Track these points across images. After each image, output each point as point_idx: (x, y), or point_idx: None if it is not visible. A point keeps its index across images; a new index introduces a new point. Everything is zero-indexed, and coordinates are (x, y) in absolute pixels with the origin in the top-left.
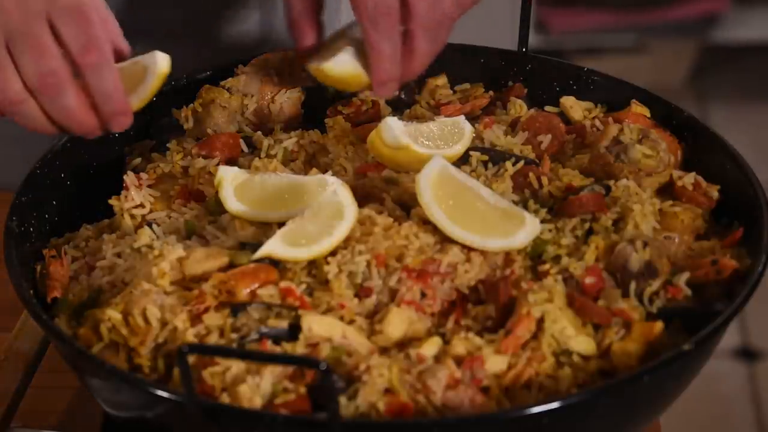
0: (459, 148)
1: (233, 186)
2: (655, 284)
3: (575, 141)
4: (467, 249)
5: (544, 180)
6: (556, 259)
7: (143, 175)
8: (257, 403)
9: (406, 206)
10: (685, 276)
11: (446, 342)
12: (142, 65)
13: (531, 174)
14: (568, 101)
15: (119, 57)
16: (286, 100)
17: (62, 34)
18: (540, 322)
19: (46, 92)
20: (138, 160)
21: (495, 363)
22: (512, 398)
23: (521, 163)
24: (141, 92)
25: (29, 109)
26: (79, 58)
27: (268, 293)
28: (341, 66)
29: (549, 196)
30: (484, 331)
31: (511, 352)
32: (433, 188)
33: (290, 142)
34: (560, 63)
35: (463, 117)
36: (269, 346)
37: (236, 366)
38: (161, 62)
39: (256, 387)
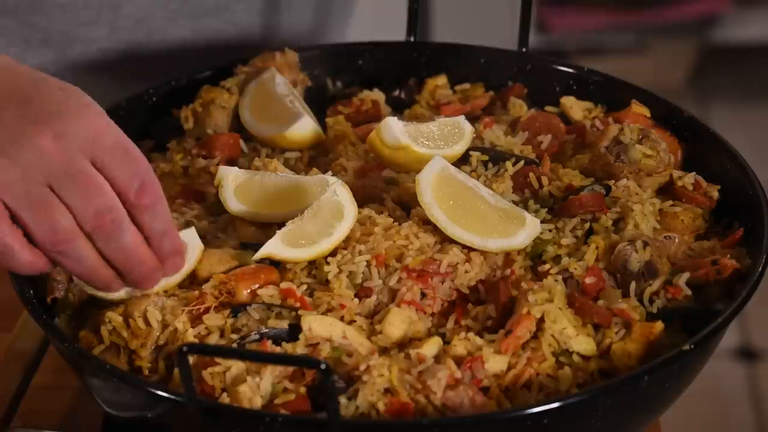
0: (459, 148)
1: (233, 186)
2: (655, 284)
3: (575, 141)
4: (467, 249)
5: (544, 180)
6: (556, 259)
7: None
8: (257, 403)
9: (406, 206)
10: (685, 276)
11: (446, 342)
12: None
13: (531, 174)
14: (568, 101)
15: None
16: None
17: (112, 175)
18: (540, 322)
19: (104, 230)
20: None
21: (495, 363)
22: (512, 398)
23: (521, 163)
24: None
25: (80, 249)
26: (135, 199)
27: (268, 294)
28: (304, 128)
29: (549, 196)
30: (484, 331)
31: (511, 352)
32: (434, 189)
33: (292, 154)
34: (560, 63)
35: (463, 117)
36: (269, 346)
37: (236, 366)
38: (197, 238)
39: (256, 387)
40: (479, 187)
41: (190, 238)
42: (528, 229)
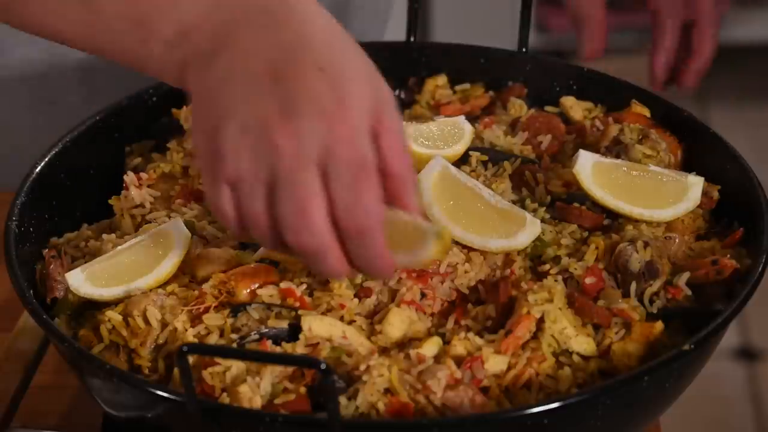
0: (459, 148)
1: None
2: (656, 284)
3: (575, 141)
4: (467, 249)
5: (539, 177)
6: (556, 259)
7: (143, 175)
8: (257, 403)
9: None
10: (685, 276)
11: (446, 342)
12: (167, 233)
13: (527, 172)
14: (568, 101)
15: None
16: None
17: (333, 190)
18: (540, 322)
19: (306, 255)
20: (138, 160)
21: (495, 363)
22: (512, 398)
23: (518, 161)
24: (173, 256)
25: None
26: (342, 222)
27: (268, 293)
28: None
29: (546, 193)
30: (484, 331)
31: (511, 352)
32: (434, 188)
33: None
34: (560, 63)
35: (463, 117)
36: (269, 346)
37: (236, 366)
38: (183, 228)
39: (256, 387)
40: (479, 187)
41: (177, 227)
42: (528, 229)
